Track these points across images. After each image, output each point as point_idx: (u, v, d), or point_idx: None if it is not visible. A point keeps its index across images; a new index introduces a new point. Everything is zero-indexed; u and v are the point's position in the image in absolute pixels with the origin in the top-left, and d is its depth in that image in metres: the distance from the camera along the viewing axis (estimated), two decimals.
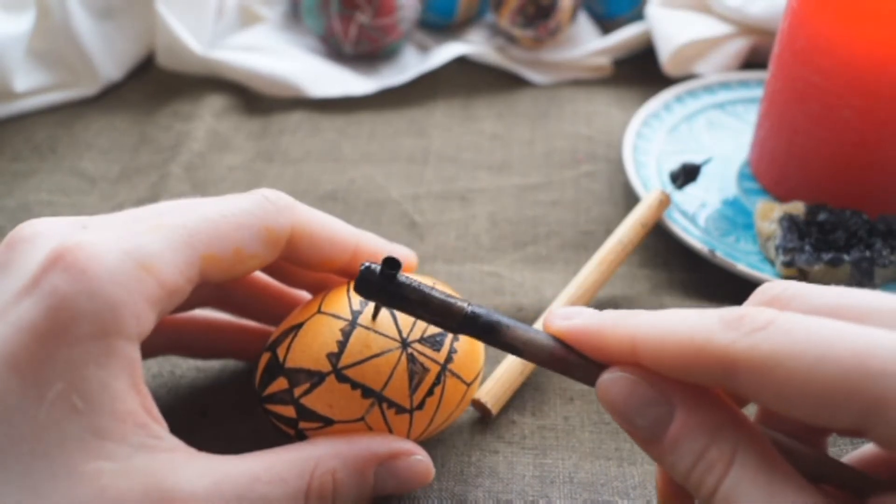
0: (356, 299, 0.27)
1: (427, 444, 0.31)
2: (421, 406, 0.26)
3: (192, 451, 0.22)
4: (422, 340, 0.26)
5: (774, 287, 0.21)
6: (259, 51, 0.54)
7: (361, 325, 0.26)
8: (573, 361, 0.23)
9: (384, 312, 0.26)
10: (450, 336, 0.27)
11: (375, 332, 0.26)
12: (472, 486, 0.29)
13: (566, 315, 0.23)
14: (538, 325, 0.33)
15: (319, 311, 0.27)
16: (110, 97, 0.53)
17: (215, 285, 0.30)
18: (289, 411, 0.25)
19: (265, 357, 0.27)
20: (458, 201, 0.44)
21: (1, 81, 0.49)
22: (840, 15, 0.36)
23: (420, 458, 0.25)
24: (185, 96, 0.52)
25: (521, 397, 0.32)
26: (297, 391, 0.25)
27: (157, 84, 0.54)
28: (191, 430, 0.24)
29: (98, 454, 0.21)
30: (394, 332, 0.26)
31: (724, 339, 0.19)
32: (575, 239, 0.42)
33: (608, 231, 0.41)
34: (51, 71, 0.52)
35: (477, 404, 0.31)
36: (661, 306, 0.37)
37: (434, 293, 0.24)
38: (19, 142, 0.48)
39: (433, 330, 0.26)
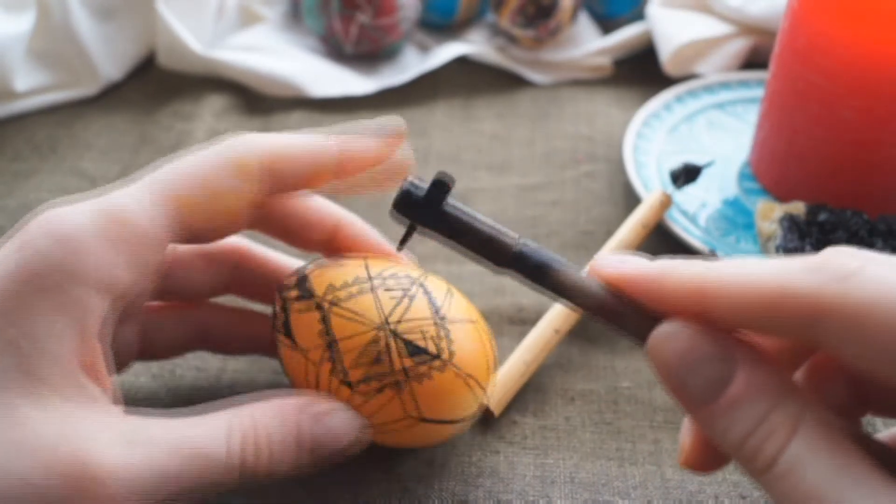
0: (392, 269, 0.27)
1: None
2: (358, 388, 0.25)
3: (121, 416, 0.22)
4: (406, 341, 0.25)
5: (844, 251, 0.19)
6: (259, 51, 0.54)
7: (374, 288, 0.26)
8: (625, 311, 0.21)
9: (391, 295, 0.26)
10: (430, 360, 0.25)
11: (359, 315, 0.26)
12: (473, 486, 0.29)
13: (620, 260, 0.21)
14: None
15: (366, 263, 0.28)
16: (111, 97, 0.53)
17: (232, 264, 0.30)
18: (280, 314, 0.27)
19: (296, 273, 0.28)
20: (459, 201, 0.44)
21: (1, 81, 0.49)
22: (840, 15, 0.36)
23: (350, 415, 0.25)
24: (186, 96, 0.52)
25: (522, 397, 0.32)
26: (290, 295, 0.27)
27: (158, 84, 0.54)
28: None
29: (26, 393, 0.21)
30: (378, 318, 0.25)
31: (811, 284, 0.17)
32: (575, 239, 0.42)
33: (608, 231, 0.41)
34: (51, 71, 0.52)
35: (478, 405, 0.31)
36: None
37: (483, 222, 0.21)
38: (20, 142, 0.48)
39: (419, 341, 0.25)
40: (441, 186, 0.21)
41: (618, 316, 0.21)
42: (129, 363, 0.30)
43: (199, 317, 0.31)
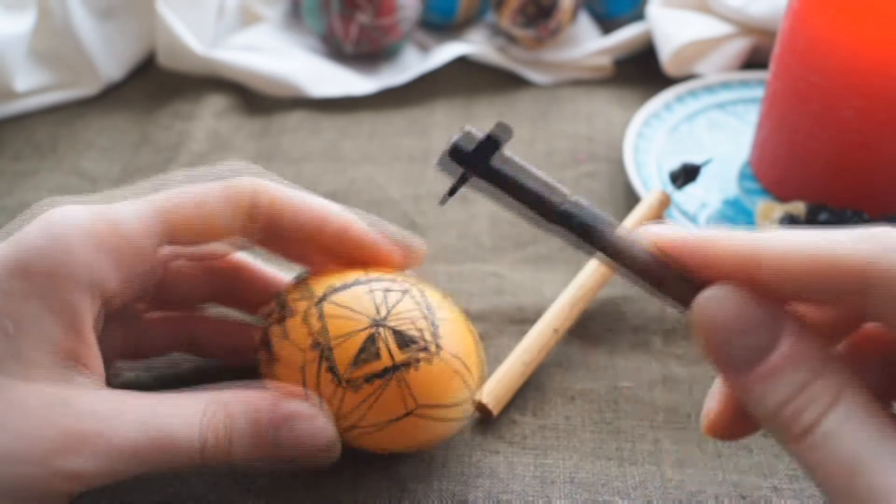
0: (376, 274, 0.28)
1: None
2: (354, 386, 0.25)
3: (105, 395, 0.24)
4: (395, 331, 0.26)
5: (888, 227, 0.20)
6: (260, 51, 0.54)
7: (367, 286, 0.26)
8: (670, 274, 0.21)
9: (384, 294, 0.26)
10: (420, 345, 0.26)
11: (351, 309, 0.26)
12: (472, 486, 0.29)
13: (668, 227, 0.21)
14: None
15: (365, 270, 0.28)
16: (111, 97, 0.53)
17: (224, 275, 0.31)
18: (260, 334, 0.28)
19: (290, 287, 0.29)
20: (459, 201, 0.44)
21: (2, 81, 0.49)
22: (841, 15, 0.36)
23: (323, 423, 0.25)
24: (186, 96, 0.52)
25: (522, 397, 0.32)
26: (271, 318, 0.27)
27: (158, 84, 0.54)
28: None
29: (14, 374, 0.23)
30: (371, 313, 0.26)
31: (861, 251, 0.18)
32: None
33: None
34: (51, 71, 0.52)
35: (478, 405, 0.31)
36: (662, 307, 0.37)
37: (537, 174, 0.21)
38: (20, 141, 0.48)
39: (411, 331, 0.26)
40: (497, 138, 0.21)
41: (662, 279, 0.21)
42: (113, 361, 0.30)
43: (186, 324, 0.31)
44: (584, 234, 0.21)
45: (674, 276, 0.21)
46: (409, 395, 0.26)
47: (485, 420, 0.32)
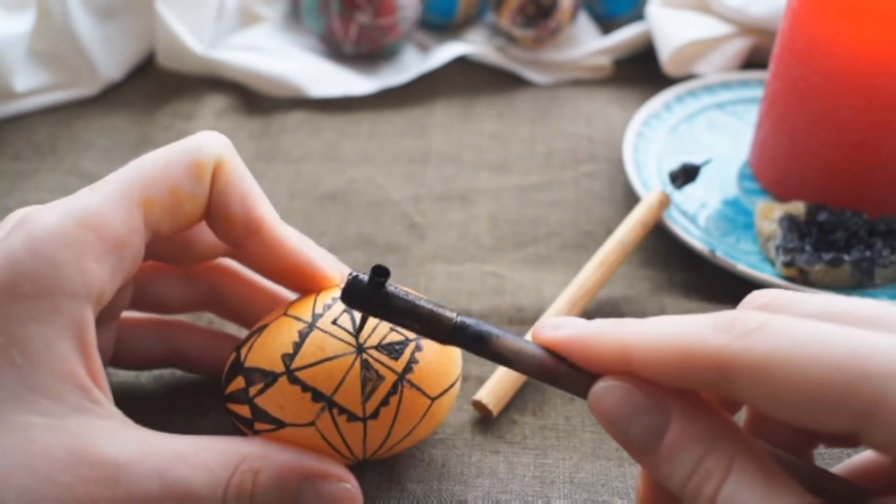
0: (321, 302, 0.26)
1: (426, 444, 0.31)
2: (375, 415, 0.25)
3: (128, 422, 0.23)
4: (379, 347, 0.25)
5: (764, 295, 0.21)
6: (259, 51, 0.54)
7: (319, 329, 0.25)
8: (564, 372, 0.22)
9: (344, 316, 0.26)
10: (411, 345, 0.26)
11: (332, 335, 0.25)
12: (472, 486, 0.29)
13: (555, 325, 0.22)
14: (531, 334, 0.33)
15: (285, 314, 0.27)
16: (111, 97, 0.53)
17: (208, 286, 0.30)
18: (245, 411, 0.26)
19: (231, 357, 0.27)
20: (459, 201, 0.44)
21: (1, 81, 0.49)
22: (840, 15, 0.36)
23: (349, 487, 0.25)
24: (186, 96, 0.52)
25: (522, 397, 0.32)
26: (252, 391, 0.25)
27: (158, 84, 0.54)
28: (191, 431, 0.24)
29: (32, 409, 0.21)
30: (349, 338, 0.25)
31: (717, 342, 0.18)
32: (575, 239, 0.42)
33: (608, 231, 0.41)
34: (51, 71, 0.52)
35: (477, 405, 0.31)
36: (662, 306, 0.37)
37: (422, 303, 0.23)
38: (20, 141, 0.48)
39: (393, 337, 0.26)
40: (380, 271, 0.23)
41: (557, 377, 0.22)
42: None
43: (170, 334, 0.31)
44: (478, 345, 0.23)
45: (566, 375, 0.22)
46: (420, 395, 0.26)
47: (485, 420, 0.32)
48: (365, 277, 0.23)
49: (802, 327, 0.18)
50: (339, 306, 0.26)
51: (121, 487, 0.21)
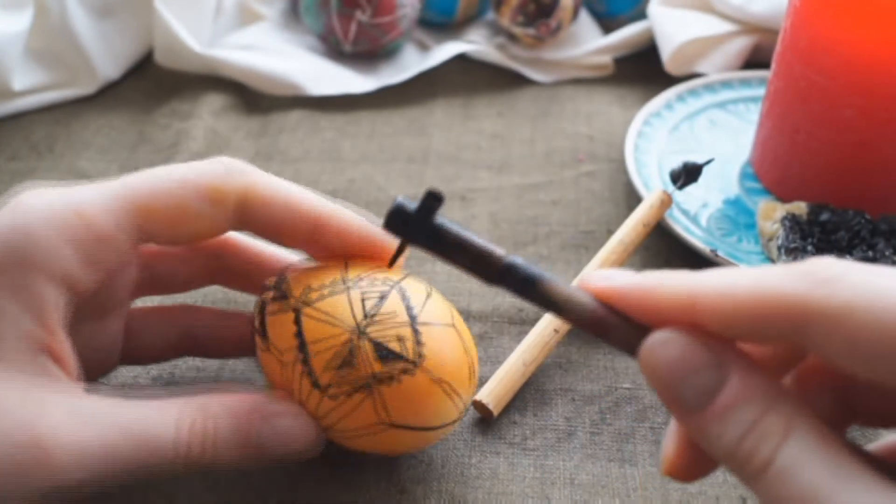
0: (362, 273, 0.26)
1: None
2: (330, 394, 0.25)
3: (78, 392, 0.23)
4: (376, 343, 0.25)
5: (825, 259, 0.20)
6: (258, 49, 0.54)
7: (347, 293, 0.26)
8: (615, 323, 0.21)
9: (372, 299, 0.25)
10: (400, 364, 0.25)
11: (332, 318, 0.25)
12: (472, 487, 0.29)
13: (608, 276, 0.21)
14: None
15: (346, 265, 0.27)
16: (108, 96, 0.52)
17: (212, 257, 0.30)
18: (258, 315, 0.27)
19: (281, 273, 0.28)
20: (459, 201, 0.44)
21: None
22: (842, 14, 0.35)
23: (305, 420, 0.25)
24: (184, 95, 0.52)
25: (522, 397, 0.32)
26: (266, 297, 0.27)
27: (156, 83, 0.54)
28: None
29: None
30: (355, 320, 0.25)
31: (796, 289, 0.18)
32: (576, 239, 0.41)
33: (609, 231, 0.41)
34: (49, 69, 0.51)
35: (478, 405, 0.31)
36: None
37: (473, 237, 0.22)
38: (17, 140, 0.48)
39: (393, 346, 0.25)
40: (432, 200, 0.21)
41: (607, 327, 0.21)
42: (114, 366, 0.30)
43: (183, 319, 0.31)
44: (525, 287, 0.22)
45: (618, 325, 0.21)
46: (383, 411, 0.25)
47: (485, 420, 0.31)
48: (412, 204, 0.22)
49: (884, 276, 0.17)
50: (377, 287, 0.26)
51: (78, 444, 0.22)
